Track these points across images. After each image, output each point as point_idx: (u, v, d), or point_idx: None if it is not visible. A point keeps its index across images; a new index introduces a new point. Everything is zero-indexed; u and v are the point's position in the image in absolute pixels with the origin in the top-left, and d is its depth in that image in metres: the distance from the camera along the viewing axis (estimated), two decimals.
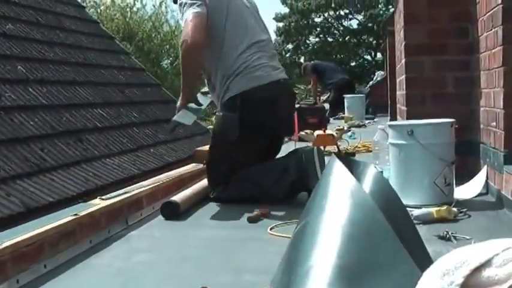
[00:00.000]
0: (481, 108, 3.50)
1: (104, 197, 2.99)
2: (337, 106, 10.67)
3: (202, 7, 3.38)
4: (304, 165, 3.32)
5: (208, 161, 3.62)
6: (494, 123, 3.14)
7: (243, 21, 3.56)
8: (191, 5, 3.38)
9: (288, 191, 3.37)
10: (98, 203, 2.86)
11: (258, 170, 3.47)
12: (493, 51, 3.14)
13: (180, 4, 3.46)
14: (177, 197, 3.23)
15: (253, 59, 3.47)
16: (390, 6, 21.46)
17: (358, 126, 8.58)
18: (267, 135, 3.59)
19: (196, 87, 3.70)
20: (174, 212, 3.12)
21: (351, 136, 6.54)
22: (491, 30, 3.17)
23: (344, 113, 9.90)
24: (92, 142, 5.85)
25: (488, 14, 3.24)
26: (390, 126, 3.31)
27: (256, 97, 3.42)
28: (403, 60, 4.09)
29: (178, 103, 3.51)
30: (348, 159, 1.89)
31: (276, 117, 3.53)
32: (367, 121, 9.38)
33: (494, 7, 3.08)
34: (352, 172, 1.60)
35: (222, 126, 3.51)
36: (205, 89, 3.79)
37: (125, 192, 3.14)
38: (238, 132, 3.37)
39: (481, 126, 3.50)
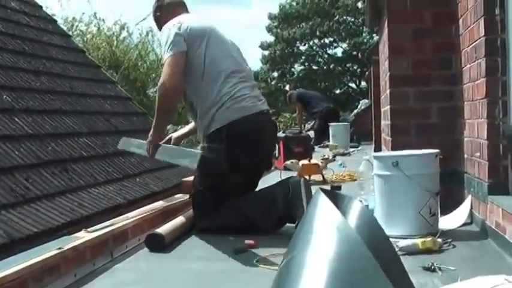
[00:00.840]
0: (465, 139, 3.52)
1: (89, 229, 2.96)
2: (322, 134, 10.71)
3: (179, 45, 3.46)
4: (291, 198, 3.31)
5: (194, 192, 3.61)
6: (478, 154, 3.17)
7: (224, 50, 3.61)
8: (169, 47, 3.46)
9: (276, 224, 3.38)
10: (82, 236, 2.84)
11: (245, 201, 3.47)
12: (477, 82, 3.18)
13: (162, 43, 3.57)
14: (162, 229, 3.21)
15: (236, 89, 3.49)
16: (374, 35, 21.65)
17: (343, 154, 8.62)
18: (253, 166, 3.59)
19: (164, 130, 3.98)
20: (159, 244, 3.10)
21: (341, 164, 6.56)
22: (475, 61, 3.21)
23: (329, 141, 9.94)
24: (78, 172, 5.81)
25: (472, 45, 3.28)
26: (375, 157, 3.32)
27: (242, 128, 3.43)
28: (388, 91, 4.12)
29: (149, 139, 3.70)
30: (333, 193, 1.89)
31: (261, 147, 3.56)
32: (351, 149, 9.42)
33: (477, 39, 3.13)
34: (337, 206, 1.61)
35: (208, 158, 3.50)
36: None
37: (110, 224, 3.12)
38: (225, 164, 3.37)
39: (465, 156, 3.52)
